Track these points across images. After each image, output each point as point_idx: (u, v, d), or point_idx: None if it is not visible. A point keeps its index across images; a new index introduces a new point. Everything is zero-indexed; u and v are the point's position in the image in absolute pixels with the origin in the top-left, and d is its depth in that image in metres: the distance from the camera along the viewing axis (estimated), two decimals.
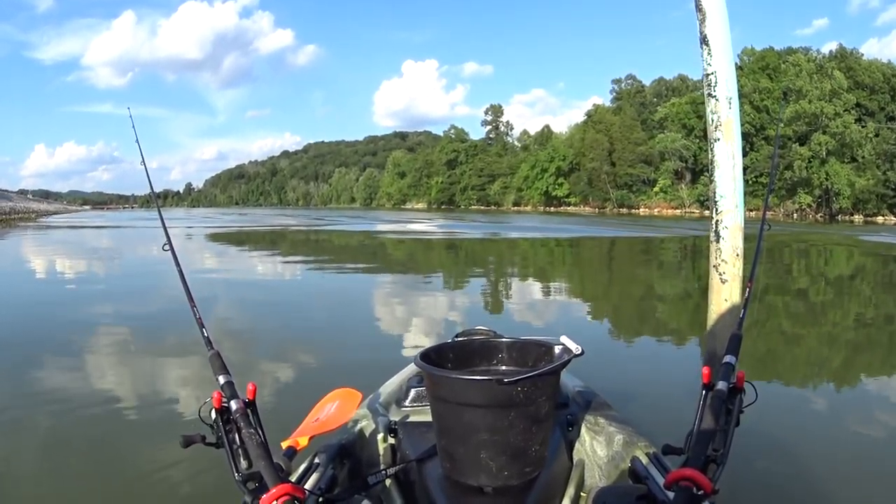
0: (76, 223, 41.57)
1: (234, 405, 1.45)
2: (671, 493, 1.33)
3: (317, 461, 1.84)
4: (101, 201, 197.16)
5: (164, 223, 2.04)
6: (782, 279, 12.55)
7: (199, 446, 1.44)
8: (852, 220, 49.11)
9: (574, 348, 1.64)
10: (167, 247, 1.88)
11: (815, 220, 49.28)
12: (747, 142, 49.96)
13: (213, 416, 1.44)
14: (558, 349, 1.69)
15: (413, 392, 2.26)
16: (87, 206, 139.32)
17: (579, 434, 2.10)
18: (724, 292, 2.54)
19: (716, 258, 2.56)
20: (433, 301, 9.23)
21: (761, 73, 59.32)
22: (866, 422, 4.13)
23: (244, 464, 1.40)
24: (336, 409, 1.94)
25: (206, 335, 1.64)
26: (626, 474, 1.84)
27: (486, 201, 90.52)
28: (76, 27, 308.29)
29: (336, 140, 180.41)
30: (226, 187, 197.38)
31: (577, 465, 1.98)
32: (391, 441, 2.06)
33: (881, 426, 4.09)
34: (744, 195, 2.65)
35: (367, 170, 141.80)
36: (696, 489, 1.26)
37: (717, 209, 2.57)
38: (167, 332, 6.46)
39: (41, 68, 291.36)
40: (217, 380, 1.52)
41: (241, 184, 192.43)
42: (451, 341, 2.01)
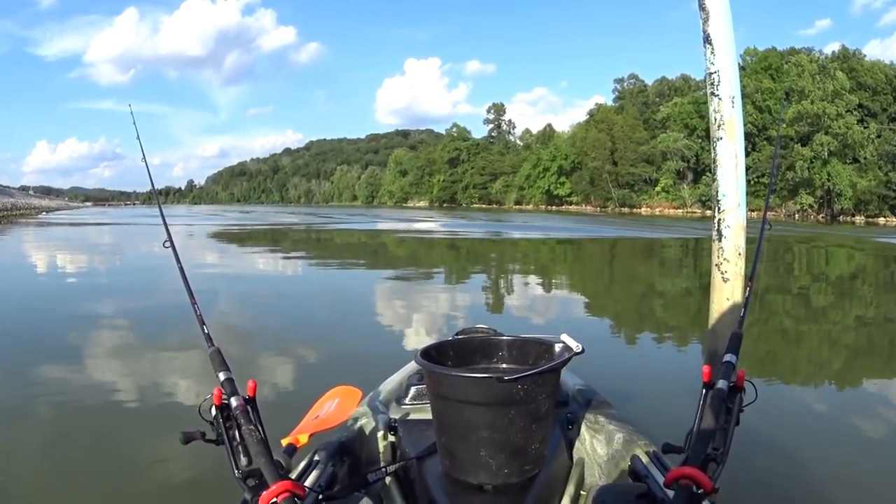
0: (77, 220, 41.58)
1: (234, 402, 1.45)
2: (671, 492, 1.33)
3: (317, 458, 1.84)
4: (102, 198, 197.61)
5: (164, 220, 2.04)
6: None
7: (199, 443, 1.43)
8: (853, 221, 49.04)
9: (574, 346, 1.64)
10: (168, 243, 1.88)
11: (817, 221, 49.21)
12: (749, 142, 49.89)
13: (214, 412, 1.44)
14: (558, 347, 1.68)
15: (413, 390, 2.26)
16: (88, 203, 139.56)
17: (579, 432, 2.10)
18: (726, 291, 2.53)
19: (718, 257, 2.55)
20: (434, 299, 9.23)
21: (764, 74, 59.28)
22: (867, 421, 4.13)
23: (244, 461, 1.40)
24: (336, 407, 1.94)
25: (206, 332, 1.64)
26: (625, 473, 1.84)
27: (488, 200, 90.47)
28: (78, 24, 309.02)
29: (338, 138, 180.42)
30: (227, 184, 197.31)
31: (577, 464, 1.98)
32: (391, 439, 2.06)
33: (882, 426, 4.08)
34: (745, 195, 2.65)
35: (369, 168, 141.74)
36: (695, 488, 1.26)
37: (719, 208, 2.56)
38: (168, 329, 6.46)
39: (43, 65, 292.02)
40: (217, 376, 1.52)
41: (242, 181, 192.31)
42: (451, 339, 2.01)
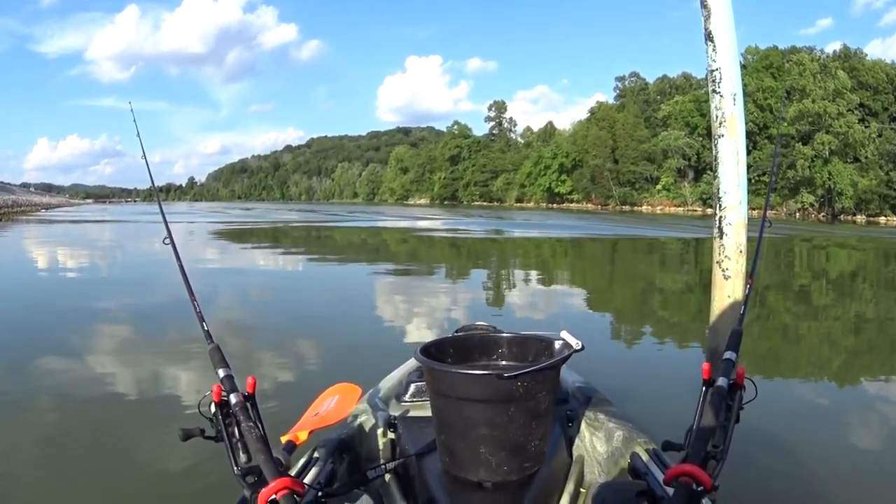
0: (76, 218, 41.53)
1: (233, 399, 1.45)
2: (671, 490, 1.33)
3: (316, 455, 1.84)
4: (103, 195, 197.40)
5: (164, 217, 2.04)
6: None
7: (198, 440, 1.44)
8: (854, 221, 48.96)
9: (574, 343, 1.63)
10: (167, 240, 1.88)
11: (818, 220, 49.16)
12: (750, 140, 49.81)
13: (213, 409, 1.44)
14: (558, 344, 1.68)
15: (413, 387, 2.26)
16: (89, 200, 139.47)
17: (579, 430, 2.10)
18: (727, 288, 2.53)
19: (719, 254, 2.55)
20: (434, 296, 9.23)
21: (765, 72, 59.14)
22: (867, 420, 4.13)
23: (243, 458, 1.40)
24: (336, 404, 1.94)
25: (205, 329, 1.64)
26: (625, 470, 1.83)
27: (489, 197, 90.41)
28: (79, 21, 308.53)
29: (339, 135, 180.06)
30: (228, 181, 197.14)
31: (577, 461, 1.98)
32: (391, 436, 2.06)
33: (882, 424, 4.08)
34: (747, 192, 2.65)
35: (370, 165, 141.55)
36: (695, 485, 1.25)
37: (720, 205, 2.55)
38: (168, 326, 6.47)
39: (44, 62, 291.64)
40: (217, 373, 1.52)
41: (243, 178, 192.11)
42: (451, 336, 2.01)
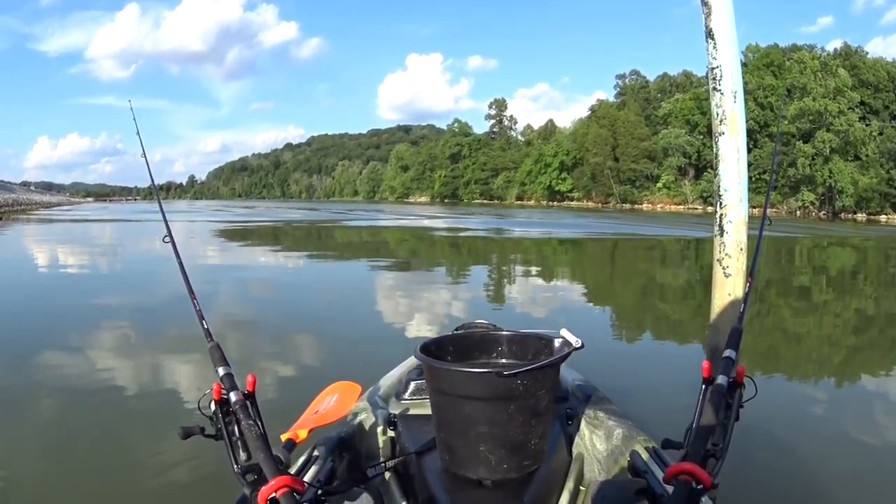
0: (77, 217, 41.48)
1: (233, 397, 1.45)
2: (670, 487, 1.32)
3: (316, 454, 1.84)
4: (103, 193, 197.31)
5: (164, 215, 2.04)
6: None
7: (198, 438, 1.43)
8: (855, 219, 48.92)
9: (574, 341, 1.63)
10: (167, 239, 1.87)
11: (818, 218, 49.12)
12: (751, 139, 49.59)
13: (213, 407, 1.44)
14: (558, 342, 1.68)
15: (412, 385, 2.26)
16: (89, 199, 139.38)
17: (579, 428, 2.10)
18: (728, 286, 2.52)
19: (719, 252, 2.54)
20: (434, 294, 9.23)
21: (766, 71, 59.04)
22: (867, 418, 4.12)
23: (243, 456, 1.40)
24: (335, 402, 1.94)
25: (205, 327, 1.64)
26: (625, 468, 1.83)
27: (490, 195, 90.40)
28: (80, 19, 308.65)
29: (339, 133, 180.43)
30: (229, 180, 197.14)
31: (577, 459, 1.98)
32: (390, 434, 2.06)
33: (883, 422, 4.08)
34: (748, 190, 2.64)
35: (371, 163, 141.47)
36: (695, 483, 1.25)
37: (721, 203, 2.55)
38: (168, 325, 6.48)
39: (45, 60, 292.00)
40: (216, 371, 1.52)
41: (244, 176, 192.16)
42: (450, 334, 2.00)
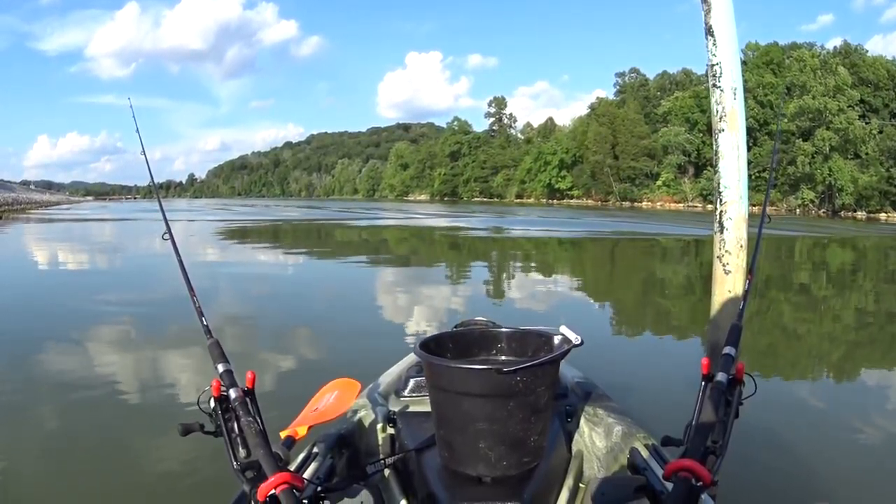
0: (76, 216, 41.41)
1: (232, 394, 1.44)
2: (670, 484, 1.32)
3: (315, 451, 1.84)
4: (103, 192, 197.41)
5: (164, 213, 2.04)
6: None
7: (198, 435, 1.43)
8: (855, 217, 48.90)
9: (573, 338, 1.63)
10: (167, 236, 1.87)
11: (818, 216, 49.12)
12: (751, 137, 49.47)
13: (212, 404, 1.44)
14: (558, 339, 1.68)
15: (412, 382, 2.26)
16: (89, 198, 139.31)
17: (578, 425, 2.10)
18: (728, 283, 2.52)
19: (719, 249, 2.54)
20: (433, 292, 9.23)
21: (765, 68, 58.94)
22: (867, 416, 4.12)
23: (243, 452, 1.40)
24: (335, 399, 1.94)
25: (205, 324, 1.63)
26: (624, 466, 1.83)
27: (489, 193, 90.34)
28: (80, 18, 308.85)
29: (339, 131, 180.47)
30: (228, 178, 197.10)
31: (576, 456, 1.98)
32: (390, 431, 2.06)
33: (883, 420, 4.08)
34: (748, 187, 2.64)
35: (370, 161, 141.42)
36: (694, 480, 1.25)
37: (721, 200, 2.55)
38: (168, 322, 6.47)
39: (45, 59, 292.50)
40: (216, 368, 1.51)
41: (243, 174, 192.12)
42: (450, 331, 2.00)
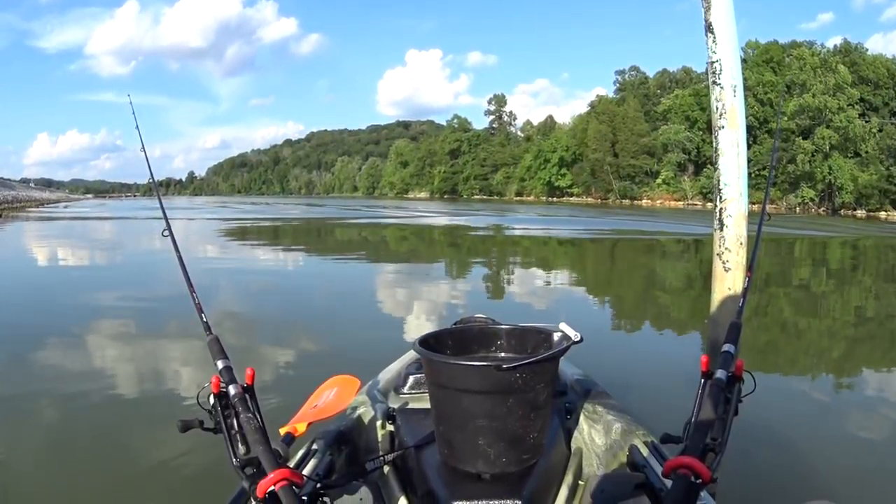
0: (76, 214, 41.39)
1: (232, 390, 1.44)
2: (669, 482, 1.32)
3: (315, 447, 1.84)
4: (103, 190, 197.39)
5: (163, 209, 2.04)
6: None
7: (197, 431, 1.43)
8: (855, 215, 48.90)
9: (573, 335, 1.63)
10: (167, 233, 1.87)
11: (818, 215, 49.14)
12: (751, 135, 49.43)
13: (212, 400, 1.44)
14: (557, 336, 1.68)
15: (412, 379, 2.26)
16: (89, 195, 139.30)
17: (577, 422, 2.10)
18: (728, 281, 2.52)
19: (719, 246, 2.54)
20: (433, 289, 9.23)
21: (765, 67, 58.89)
22: (867, 413, 4.13)
23: (242, 449, 1.39)
24: (334, 396, 1.94)
25: (204, 320, 1.63)
26: (624, 463, 1.83)
27: (489, 191, 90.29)
28: (79, 16, 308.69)
29: (339, 129, 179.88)
30: (228, 176, 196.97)
31: (576, 453, 1.98)
32: (389, 428, 2.06)
33: (883, 419, 4.08)
34: (748, 185, 2.64)
35: (370, 159, 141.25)
36: (694, 477, 1.25)
37: (720, 197, 2.55)
38: (167, 318, 6.48)
39: (44, 57, 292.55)
40: (215, 364, 1.51)
41: (243, 172, 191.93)
42: (450, 328, 2.00)
